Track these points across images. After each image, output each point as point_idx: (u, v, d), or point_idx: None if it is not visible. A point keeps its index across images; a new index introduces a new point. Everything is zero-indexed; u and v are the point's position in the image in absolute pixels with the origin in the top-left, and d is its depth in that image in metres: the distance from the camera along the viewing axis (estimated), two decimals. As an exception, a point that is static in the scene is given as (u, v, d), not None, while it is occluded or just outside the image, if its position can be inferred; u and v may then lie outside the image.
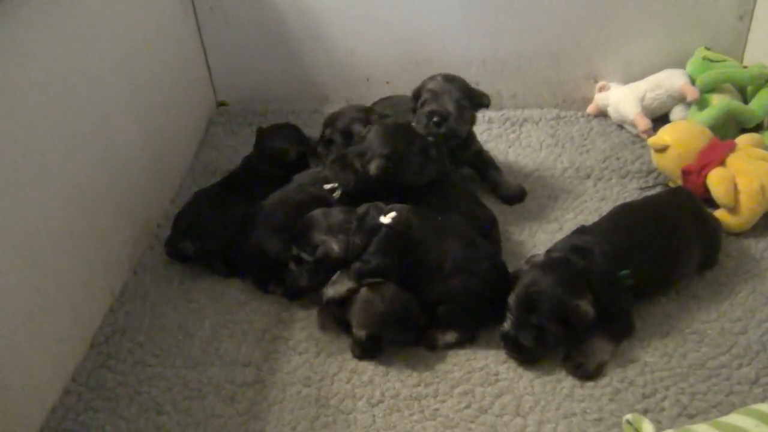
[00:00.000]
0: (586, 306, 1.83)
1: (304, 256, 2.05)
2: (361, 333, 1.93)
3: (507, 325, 1.90)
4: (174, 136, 2.73)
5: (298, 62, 3.04)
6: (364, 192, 2.16)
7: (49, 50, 1.95)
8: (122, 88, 2.34)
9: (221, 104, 3.17)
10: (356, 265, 1.99)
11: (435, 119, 2.30)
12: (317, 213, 2.10)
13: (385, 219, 2.01)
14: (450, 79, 2.39)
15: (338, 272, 2.02)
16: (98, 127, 2.17)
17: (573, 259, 1.91)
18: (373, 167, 2.15)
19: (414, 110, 2.41)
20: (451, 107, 2.32)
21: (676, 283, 2.09)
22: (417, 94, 2.41)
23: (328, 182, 2.24)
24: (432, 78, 2.41)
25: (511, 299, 1.89)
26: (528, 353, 1.89)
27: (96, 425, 1.82)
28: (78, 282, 2.02)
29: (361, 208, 2.07)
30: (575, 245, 1.96)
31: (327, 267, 2.03)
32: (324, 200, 2.20)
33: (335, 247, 2.02)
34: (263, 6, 2.95)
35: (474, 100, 2.41)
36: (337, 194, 2.22)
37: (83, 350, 2.02)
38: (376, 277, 1.96)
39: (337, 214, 2.08)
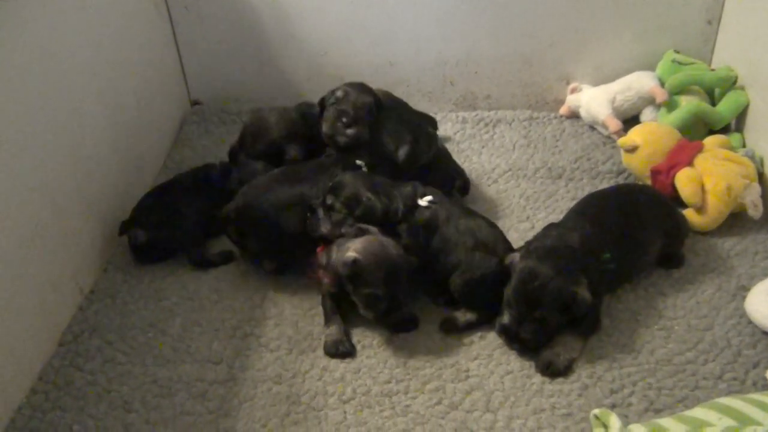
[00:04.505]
0: (583, 292, 1.85)
1: (338, 206, 2.07)
2: (378, 291, 1.92)
3: (506, 319, 1.92)
4: (147, 134, 2.71)
5: (272, 62, 3.04)
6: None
7: (18, 48, 1.93)
8: (94, 87, 2.32)
9: (195, 103, 3.15)
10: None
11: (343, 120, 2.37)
12: (355, 175, 2.14)
13: (422, 201, 2.11)
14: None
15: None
16: (68, 125, 2.15)
17: (566, 242, 1.95)
18: (402, 153, 2.31)
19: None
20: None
21: (640, 271, 2.13)
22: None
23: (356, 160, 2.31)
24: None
25: (510, 294, 1.90)
26: (530, 344, 1.91)
27: (63, 424, 1.79)
28: (46, 280, 2.00)
29: (407, 184, 2.17)
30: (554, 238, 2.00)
31: (367, 222, 2.06)
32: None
33: (378, 206, 2.06)
34: (237, 5, 2.94)
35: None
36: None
37: (51, 349, 2.00)
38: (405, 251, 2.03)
39: (376, 178, 2.15)
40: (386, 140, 2.36)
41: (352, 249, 1.93)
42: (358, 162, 2.27)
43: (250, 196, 2.20)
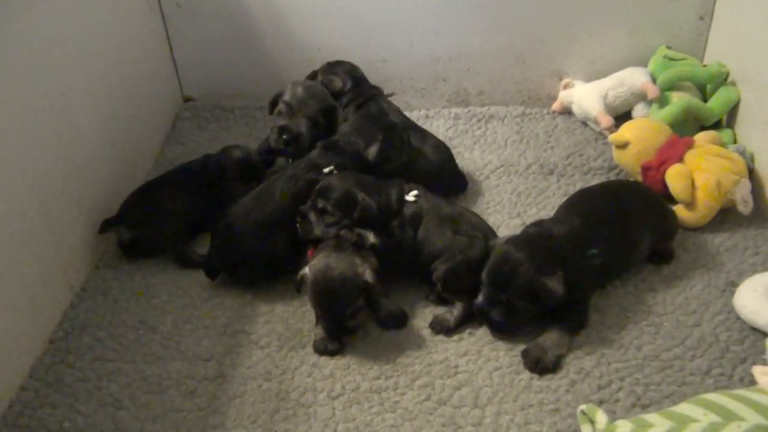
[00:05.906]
0: (554, 284, 1.86)
1: (330, 208, 2.08)
2: (316, 309, 1.96)
3: (480, 298, 1.96)
4: (139, 131, 2.71)
5: (265, 58, 3.04)
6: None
7: (8, 45, 1.93)
8: (85, 83, 2.32)
9: (188, 99, 3.15)
10: (374, 239, 2.06)
11: None
12: (341, 177, 2.15)
13: (410, 197, 2.15)
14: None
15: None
16: (59, 121, 2.15)
17: (549, 233, 1.96)
18: (373, 151, 2.31)
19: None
20: None
21: (629, 267, 2.14)
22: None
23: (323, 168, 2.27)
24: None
25: (484, 274, 1.94)
26: (499, 327, 1.95)
27: (53, 421, 1.80)
28: (36, 278, 2.00)
29: (392, 182, 2.20)
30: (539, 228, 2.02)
31: (364, 223, 2.08)
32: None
33: (374, 205, 2.08)
34: (230, 1, 2.93)
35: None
36: None
37: (41, 346, 2.00)
38: (395, 248, 2.08)
39: (360, 177, 2.17)
40: (355, 138, 2.34)
41: (309, 264, 1.97)
42: (326, 170, 2.22)
43: (230, 234, 2.16)
